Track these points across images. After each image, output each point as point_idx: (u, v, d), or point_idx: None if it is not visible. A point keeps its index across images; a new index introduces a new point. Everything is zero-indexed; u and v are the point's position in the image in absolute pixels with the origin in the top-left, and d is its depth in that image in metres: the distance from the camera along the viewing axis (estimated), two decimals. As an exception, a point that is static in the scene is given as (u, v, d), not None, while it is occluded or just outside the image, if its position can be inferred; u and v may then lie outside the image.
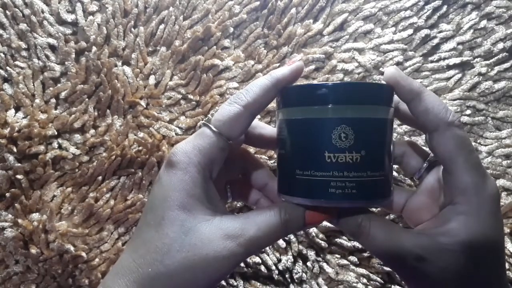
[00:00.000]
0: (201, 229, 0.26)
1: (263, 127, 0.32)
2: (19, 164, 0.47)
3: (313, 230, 0.47)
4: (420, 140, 0.47)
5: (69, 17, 0.48)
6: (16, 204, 0.47)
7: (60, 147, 0.48)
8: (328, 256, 0.48)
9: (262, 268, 0.47)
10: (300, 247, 0.48)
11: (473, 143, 0.48)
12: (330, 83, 0.26)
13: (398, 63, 0.48)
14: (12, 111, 0.48)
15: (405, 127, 0.48)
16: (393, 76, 0.27)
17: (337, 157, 0.25)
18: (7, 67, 0.47)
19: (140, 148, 0.48)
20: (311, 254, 0.48)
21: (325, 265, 0.48)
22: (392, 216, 0.47)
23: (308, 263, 0.48)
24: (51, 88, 0.48)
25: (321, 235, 0.47)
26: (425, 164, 0.30)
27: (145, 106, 0.48)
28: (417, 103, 0.26)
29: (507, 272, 0.46)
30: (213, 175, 0.28)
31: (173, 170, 0.26)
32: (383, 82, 0.28)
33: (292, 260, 0.47)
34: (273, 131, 0.31)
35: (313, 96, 0.26)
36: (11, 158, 0.47)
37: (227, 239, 0.25)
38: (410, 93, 0.26)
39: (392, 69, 0.27)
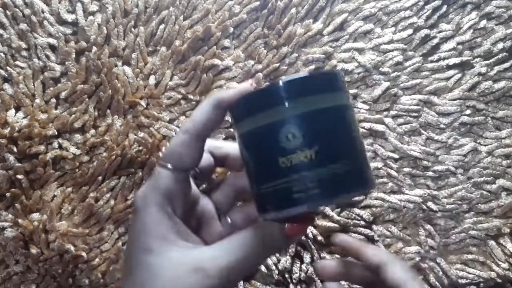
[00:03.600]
0: (168, 268, 0.25)
1: (228, 146, 0.31)
2: (20, 164, 0.47)
3: (312, 231, 0.47)
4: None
5: (69, 17, 0.48)
6: (16, 204, 0.47)
7: (60, 147, 0.48)
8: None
9: (262, 268, 0.47)
10: (299, 248, 0.48)
11: (473, 143, 0.48)
12: (263, 87, 0.25)
13: (398, 63, 0.48)
14: (13, 111, 0.48)
15: (405, 127, 0.48)
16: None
17: (290, 159, 0.23)
18: (7, 67, 0.47)
19: (140, 148, 0.48)
20: (311, 254, 0.48)
21: (325, 265, 0.48)
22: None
23: (308, 264, 0.48)
24: (51, 88, 0.48)
25: (320, 236, 0.47)
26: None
27: (145, 106, 0.48)
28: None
29: (507, 272, 0.46)
30: (177, 209, 0.27)
31: (136, 215, 0.27)
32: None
33: (291, 260, 0.47)
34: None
35: (253, 105, 0.25)
36: (11, 158, 0.47)
37: (195, 272, 0.25)
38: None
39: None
